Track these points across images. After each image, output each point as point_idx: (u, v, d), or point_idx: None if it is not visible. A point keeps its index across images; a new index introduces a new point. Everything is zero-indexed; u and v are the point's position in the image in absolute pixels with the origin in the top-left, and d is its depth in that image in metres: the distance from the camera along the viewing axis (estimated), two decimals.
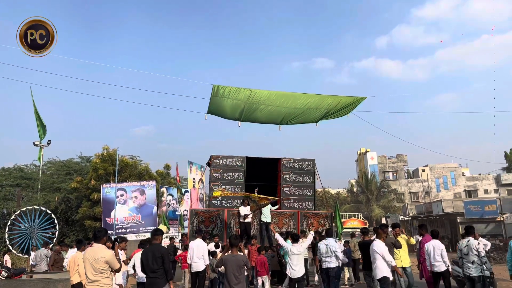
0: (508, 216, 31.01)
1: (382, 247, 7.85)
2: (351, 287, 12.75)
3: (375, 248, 7.83)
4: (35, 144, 27.71)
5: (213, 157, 14.78)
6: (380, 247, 7.82)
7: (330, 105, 14.79)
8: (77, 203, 25.61)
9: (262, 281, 10.00)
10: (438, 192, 51.25)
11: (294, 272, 8.44)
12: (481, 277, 7.69)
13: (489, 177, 51.79)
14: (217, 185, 14.40)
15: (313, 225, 14.10)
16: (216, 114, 14.65)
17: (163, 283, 6.30)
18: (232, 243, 6.66)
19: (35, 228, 20.79)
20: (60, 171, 29.52)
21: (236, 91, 14.07)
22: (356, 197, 47.66)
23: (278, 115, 14.73)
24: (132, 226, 22.57)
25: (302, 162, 15.21)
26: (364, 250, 8.92)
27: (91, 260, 5.55)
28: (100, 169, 24.13)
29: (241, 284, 6.31)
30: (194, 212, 14.11)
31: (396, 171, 54.37)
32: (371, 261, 8.31)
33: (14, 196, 26.31)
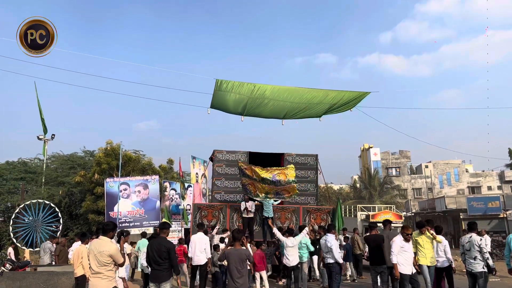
0: (511, 213, 30.93)
1: (398, 242, 7.88)
2: (353, 283, 12.79)
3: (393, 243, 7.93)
4: (39, 138, 27.80)
5: (216, 152, 14.80)
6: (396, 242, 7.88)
7: (333, 99, 14.76)
8: (80, 197, 25.71)
9: (261, 275, 10.04)
10: (441, 188, 51.15)
11: (289, 261, 9.83)
12: (483, 273, 7.69)
13: (492, 173, 51.63)
14: (220, 180, 14.44)
15: (315, 220, 14.15)
16: (219, 108, 14.65)
17: (167, 277, 6.34)
18: (235, 237, 6.69)
19: (39, 221, 20.90)
20: (64, 165, 29.61)
21: (239, 85, 14.05)
22: (359, 193, 47.57)
23: (282, 110, 14.71)
24: (135, 220, 22.65)
25: (305, 157, 15.21)
26: (371, 245, 8.82)
27: (95, 252, 5.59)
28: (103, 164, 24.19)
29: (244, 278, 6.34)
30: (197, 207, 14.17)
31: (399, 167, 54.29)
32: (377, 255, 8.37)
33: (18, 189, 26.45)
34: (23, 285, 8.88)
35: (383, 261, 8.47)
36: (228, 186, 14.53)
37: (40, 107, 25.18)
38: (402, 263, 7.85)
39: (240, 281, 6.27)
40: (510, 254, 8.25)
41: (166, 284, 6.31)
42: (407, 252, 7.93)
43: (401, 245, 7.87)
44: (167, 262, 6.32)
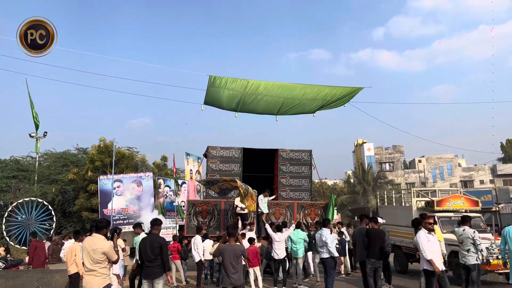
0: (503, 206, 31.25)
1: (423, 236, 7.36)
2: (348, 276, 12.85)
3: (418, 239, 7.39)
4: (31, 135, 27.56)
5: (210, 148, 14.76)
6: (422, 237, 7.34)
7: (327, 95, 14.79)
8: (74, 194, 25.62)
9: (254, 271, 10.07)
10: (434, 182, 51.46)
11: (277, 255, 10.43)
12: (476, 265, 7.76)
13: (485, 167, 52.04)
14: (214, 176, 14.41)
15: (309, 215, 14.19)
16: (213, 105, 14.59)
17: (159, 273, 6.32)
18: (229, 233, 6.69)
19: (32, 219, 20.80)
20: (57, 162, 29.44)
21: (232, 81, 14.02)
22: (352, 188, 47.71)
23: (275, 106, 14.70)
24: (130, 218, 22.60)
25: (299, 153, 15.22)
26: (370, 238, 8.63)
27: (89, 249, 5.56)
28: (97, 161, 24.10)
29: (238, 274, 6.35)
30: (191, 203, 14.14)
31: (393, 162, 54.51)
32: (374, 249, 8.31)
33: (10, 188, 26.24)
34: (16, 284, 8.80)
35: (381, 256, 8.44)
36: None
37: (32, 103, 24.89)
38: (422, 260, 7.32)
39: (235, 277, 6.28)
40: (506, 247, 8.34)
41: (159, 281, 6.30)
42: (434, 245, 7.30)
43: (428, 239, 7.25)
44: (159, 259, 6.31)
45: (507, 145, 56.00)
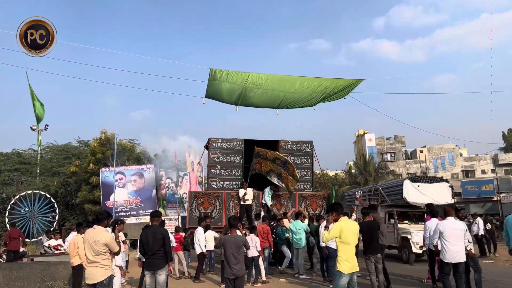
0: (505, 196, 31.29)
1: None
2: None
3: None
4: (32, 128, 27.59)
5: (211, 140, 14.76)
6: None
7: (327, 88, 14.79)
8: (76, 187, 25.69)
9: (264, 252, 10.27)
10: (436, 172, 51.44)
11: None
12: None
13: (486, 157, 51.97)
14: (216, 167, 14.44)
15: (311, 206, 14.27)
16: (214, 98, 14.61)
17: (163, 264, 6.36)
18: (231, 224, 6.70)
19: (35, 212, 20.91)
20: (59, 155, 29.51)
21: (233, 75, 14.04)
22: (354, 179, 47.73)
23: (276, 99, 14.72)
24: (132, 210, 22.72)
25: (300, 144, 15.21)
26: (366, 232, 7.99)
27: (90, 241, 5.59)
28: (98, 153, 24.14)
29: (240, 264, 6.38)
30: (193, 195, 14.19)
31: (394, 152, 54.46)
32: (373, 243, 8.02)
33: (13, 181, 26.33)
34: (20, 276, 8.89)
35: (378, 250, 8.11)
36: (224, 174, 14.53)
37: (33, 95, 24.82)
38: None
39: (237, 267, 6.30)
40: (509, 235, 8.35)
41: (161, 271, 6.34)
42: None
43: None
44: (161, 250, 6.35)
45: (508, 135, 55.88)
